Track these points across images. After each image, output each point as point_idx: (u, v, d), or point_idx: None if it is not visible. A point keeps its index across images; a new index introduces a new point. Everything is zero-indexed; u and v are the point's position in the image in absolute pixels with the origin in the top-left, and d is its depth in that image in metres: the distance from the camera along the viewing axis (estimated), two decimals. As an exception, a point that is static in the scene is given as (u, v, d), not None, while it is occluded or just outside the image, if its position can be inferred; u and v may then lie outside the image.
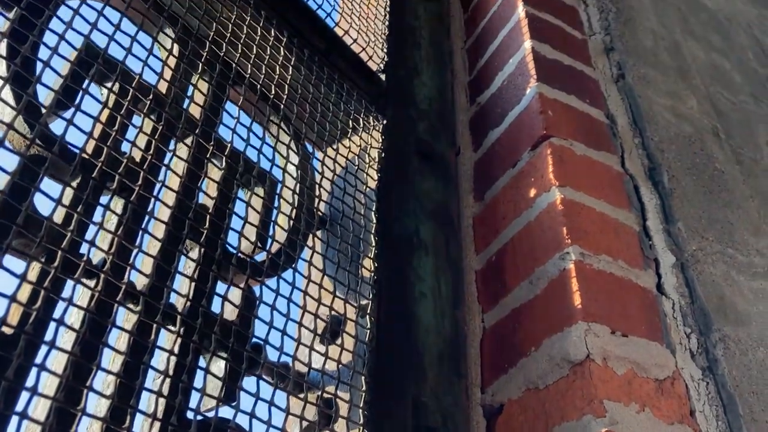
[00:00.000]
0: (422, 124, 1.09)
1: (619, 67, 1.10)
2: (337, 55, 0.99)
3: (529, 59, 1.03)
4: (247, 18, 0.82)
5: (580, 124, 0.97)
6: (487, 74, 1.15)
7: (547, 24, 1.11)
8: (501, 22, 1.16)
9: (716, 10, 1.43)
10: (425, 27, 1.25)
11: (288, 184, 0.79)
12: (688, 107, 1.12)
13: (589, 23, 1.17)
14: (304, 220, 0.76)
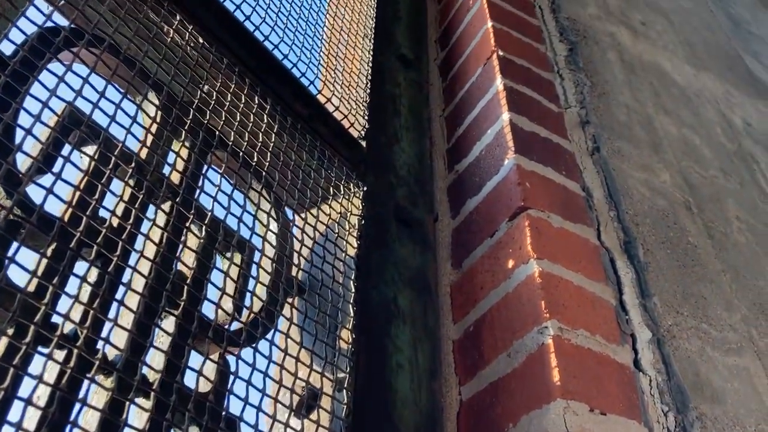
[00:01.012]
0: (401, 190, 1.10)
1: (594, 140, 1.13)
2: (319, 122, 1.00)
3: (507, 131, 1.05)
4: (231, 85, 0.83)
5: (557, 197, 0.99)
6: (465, 143, 1.17)
7: (524, 96, 1.13)
8: (479, 92, 1.19)
9: (686, 87, 1.48)
10: (405, 95, 1.27)
11: (267, 252, 0.78)
12: (662, 181, 1.14)
13: (565, 96, 1.20)
14: (282, 289, 0.75)
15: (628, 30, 1.52)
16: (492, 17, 1.26)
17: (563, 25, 1.36)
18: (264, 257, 0.78)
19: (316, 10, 1.08)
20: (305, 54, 0.98)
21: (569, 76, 1.24)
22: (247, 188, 0.80)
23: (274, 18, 0.94)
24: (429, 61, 1.43)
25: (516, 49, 1.23)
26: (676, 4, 1.85)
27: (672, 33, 1.66)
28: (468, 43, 1.31)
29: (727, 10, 2.11)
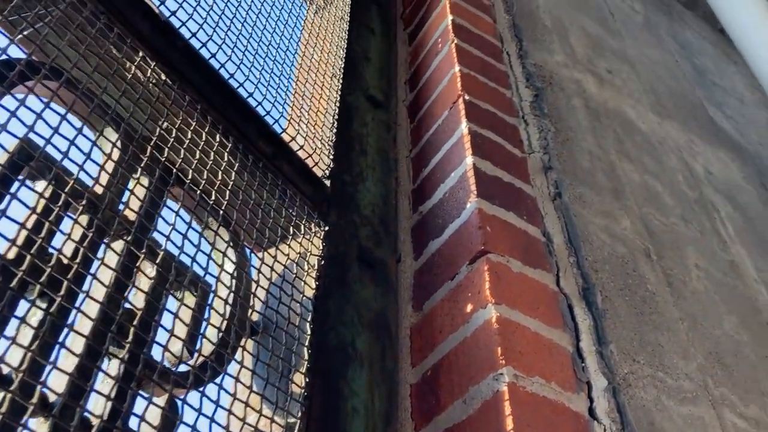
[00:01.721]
0: (365, 230, 1.10)
1: (556, 185, 1.14)
2: (283, 160, 1.00)
3: (470, 174, 1.06)
4: (192, 122, 0.82)
5: (518, 241, 0.99)
6: (429, 185, 1.18)
7: (488, 141, 1.15)
8: (445, 135, 1.20)
9: (649, 134, 1.51)
10: (372, 135, 1.28)
11: (221, 292, 0.77)
12: (622, 228, 1.16)
13: (529, 142, 1.22)
14: (234, 331, 0.74)
15: (593, 77, 1.55)
16: (459, 62, 1.28)
17: (530, 71, 1.38)
18: (217, 298, 0.77)
19: (284, 49, 1.09)
20: (271, 92, 0.99)
21: (534, 122, 1.26)
22: (203, 226, 0.79)
23: (240, 56, 0.94)
24: (398, 102, 1.44)
25: (482, 93, 1.25)
26: (643, 53, 1.90)
27: (637, 81, 1.70)
28: (436, 86, 1.32)
29: (692, 61, 2.17)
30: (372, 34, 1.50)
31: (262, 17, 1.05)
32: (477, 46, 1.37)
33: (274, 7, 1.11)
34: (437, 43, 1.40)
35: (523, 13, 1.58)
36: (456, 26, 1.38)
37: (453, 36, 1.34)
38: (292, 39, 1.13)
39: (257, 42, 1.00)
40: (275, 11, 1.11)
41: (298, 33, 1.20)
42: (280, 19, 1.11)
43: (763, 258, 1.41)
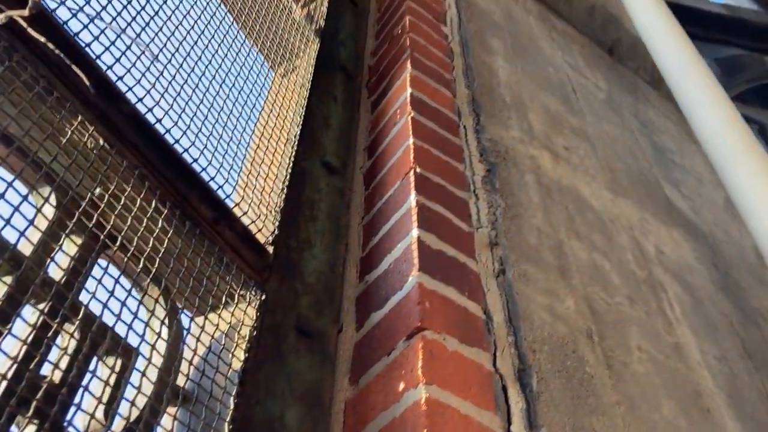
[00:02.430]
0: (307, 298, 1.09)
1: (501, 262, 1.14)
2: (225, 225, 1.00)
3: (413, 247, 1.06)
4: (127, 188, 0.82)
5: (456, 318, 0.99)
6: (377, 254, 1.18)
7: (436, 214, 1.16)
8: (395, 206, 1.21)
9: (602, 212, 1.53)
10: (325, 200, 1.28)
11: (139, 364, 0.75)
12: (565, 307, 1.16)
13: (478, 216, 1.23)
14: (149, 405, 0.72)
15: (549, 154, 1.58)
16: (414, 134, 1.30)
17: (485, 146, 1.41)
18: (142, 364, 0.76)
19: (237, 115, 1.10)
20: (217, 158, 0.99)
21: (484, 197, 1.28)
22: (128, 291, 0.78)
23: (187, 121, 0.95)
24: (355, 169, 1.45)
25: (434, 166, 1.26)
26: (603, 130, 1.95)
27: (594, 158, 1.74)
28: (391, 156, 1.34)
29: (652, 139, 2.23)
30: (334, 101, 1.52)
31: (215, 82, 1.07)
32: (434, 119, 1.40)
33: (230, 72, 1.13)
34: (396, 113, 1.43)
35: (483, 89, 1.62)
36: (414, 99, 1.40)
37: (410, 109, 1.37)
38: (247, 104, 1.15)
39: (207, 108, 1.01)
40: (231, 76, 1.13)
41: (256, 98, 1.21)
42: (235, 84, 1.12)
43: (709, 340, 1.42)
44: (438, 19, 1.82)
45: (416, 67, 1.52)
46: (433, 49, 1.66)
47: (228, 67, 1.13)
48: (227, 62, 1.14)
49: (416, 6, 1.77)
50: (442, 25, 1.81)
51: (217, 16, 1.22)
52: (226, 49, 1.15)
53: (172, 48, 0.97)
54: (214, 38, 1.12)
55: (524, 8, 2.35)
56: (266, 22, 1.40)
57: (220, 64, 1.10)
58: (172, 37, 0.97)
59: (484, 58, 1.77)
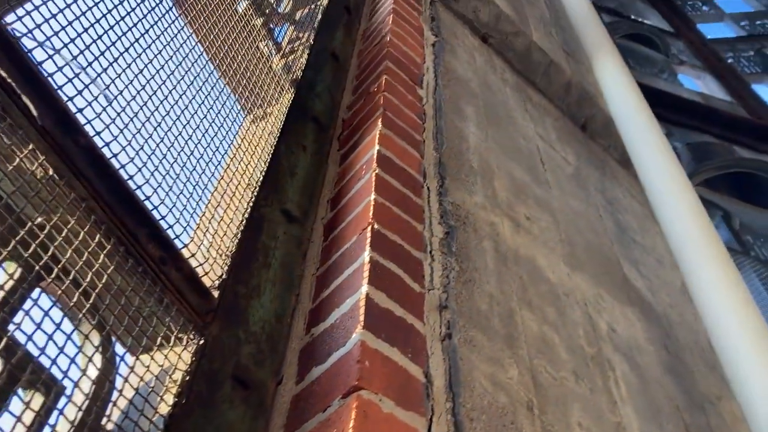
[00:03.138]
0: (249, 347, 1.07)
1: (448, 326, 1.14)
2: (171, 266, 0.99)
3: (361, 304, 1.06)
4: (71, 220, 0.81)
5: (395, 380, 0.98)
6: (326, 307, 1.17)
7: (389, 272, 1.16)
8: (349, 260, 1.21)
9: (557, 285, 1.55)
10: (281, 248, 1.28)
11: (60, 404, 0.73)
12: (508, 377, 1.16)
13: (431, 278, 1.23)
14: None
15: (510, 222, 1.60)
16: (377, 191, 1.31)
17: (446, 209, 1.42)
18: (61, 404, 0.74)
19: (199, 157, 1.11)
20: (170, 198, 0.99)
21: (440, 259, 1.28)
22: (57, 324, 0.77)
23: (144, 159, 0.95)
24: (316, 219, 1.46)
25: (393, 224, 1.27)
26: (567, 204, 1.98)
27: (555, 231, 1.76)
28: (352, 210, 1.35)
29: (616, 217, 2.27)
30: (303, 151, 1.54)
31: (180, 122, 1.07)
32: (398, 178, 1.41)
33: (198, 113, 1.14)
34: (362, 169, 1.44)
35: (452, 153, 1.65)
36: (381, 157, 1.42)
37: (376, 166, 1.39)
38: (210, 146, 1.15)
39: (168, 146, 1.01)
40: (197, 117, 1.14)
41: (221, 140, 1.22)
42: (201, 125, 1.13)
43: (652, 423, 1.42)
44: (414, 81, 1.86)
45: (387, 126, 1.54)
46: (406, 109, 1.69)
47: (195, 107, 1.14)
48: (195, 102, 1.15)
49: (394, 67, 1.81)
50: (418, 88, 1.85)
51: (191, 57, 1.24)
52: (196, 89, 1.16)
53: (138, 85, 0.97)
54: (184, 78, 1.14)
55: (502, 78, 2.41)
56: (243, 67, 1.42)
57: (188, 104, 1.11)
58: (140, 75, 0.98)
59: (456, 122, 1.80)
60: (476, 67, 2.28)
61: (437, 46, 2.13)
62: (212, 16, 1.38)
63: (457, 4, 2.48)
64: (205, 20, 1.35)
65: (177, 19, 1.27)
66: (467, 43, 2.39)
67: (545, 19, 3.12)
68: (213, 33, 1.37)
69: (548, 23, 3.11)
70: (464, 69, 2.17)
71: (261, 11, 1.69)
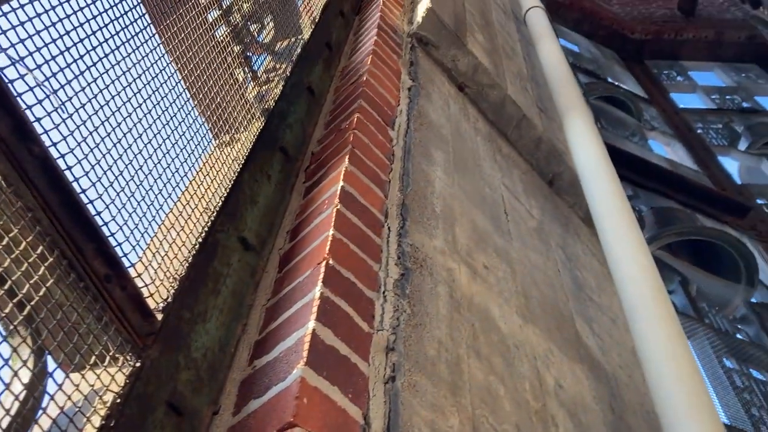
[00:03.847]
0: (187, 373, 1.05)
1: (393, 368, 1.14)
2: (116, 284, 0.97)
3: (306, 339, 1.05)
4: (14, 229, 0.80)
5: (332, 420, 0.97)
6: (272, 340, 1.16)
7: (338, 310, 1.15)
8: (300, 294, 1.20)
9: (508, 335, 1.55)
10: (233, 276, 1.27)
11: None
12: (449, 425, 1.15)
13: (381, 318, 1.23)
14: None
15: (468, 269, 1.61)
16: (336, 226, 1.32)
17: (404, 250, 1.43)
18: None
19: (157, 177, 1.10)
20: (123, 215, 0.98)
21: (392, 300, 1.28)
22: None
23: (99, 173, 0.94)
24: (274, 249, 1.45)
25: (348, 262, 1.27)
26: (526, 256, 2.00)
27: (512, 282, 1.78)
28: (309, 244, 1.34)
29: (574, 273, 2.30)
30: (268, 180, 1.54)
31: (142, 140, 1.07)
32: (360, 216, 1.42)
33: (160, 134, 1.14)
34: (324, 203, 1.44)
35: (416, 195, 1.66)
36: (344, 193, 1.43)
37: (338, 201, 1.39)
38: (170, 166, 1.15)
39: (126, 163, 1.01)
40: (161, 137, 1.13)
41: (182, 162, 1.21)
42: (161, 147, 1.12)
43: (590, 483, 1.42)
44: (387, 122, 1.88)
45: (353, 163, 1.55)
46: (375, 149, 1.71)
47: (160, 127, 1.14)
48: (160, 122, 1.14)
49: (368, 106, 1.84)
50: (390, 129, 1.87)
51: (162, 76, 1.24)
52: (162, 109, 1.16)
53: (102, 100, 0.97)
54: (152, 97, 1.13)
55: (474, 127, 2.45)
56: (214, 91, 1.43)
57: (152, 123, 1.11)
58: (106, 90, 0.98)
59: (423, 166, 1.82)
60: (450, 114, 2.31)
61: (413, 90, 2.16)
62: (189, 38, 1.39)
63: (437, 51, 2.53)
64: (181, 41, 1.36)
65: (152, 38, 1.27)
66: (443, 91, 2.43)
67: (522, 74, 3.19)
68: (188, 55, 1.38)
69: (525, 78, 3.19)
70: (438, 115, 2.20)
71: (240, 39, 1.70)
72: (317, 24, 2.18)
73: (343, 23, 2.59)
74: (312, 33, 2.11)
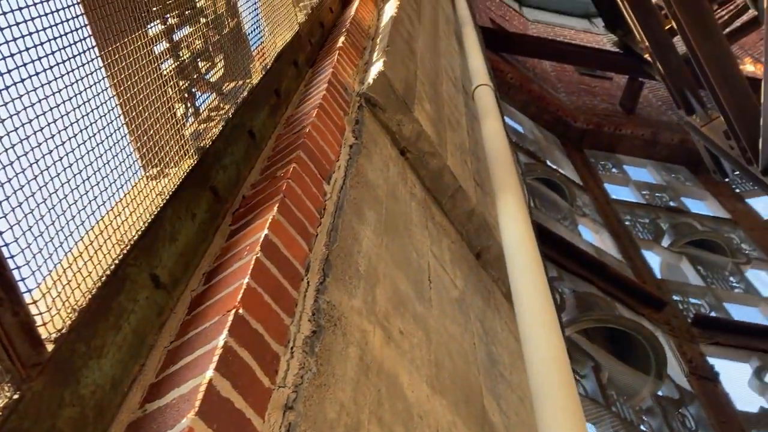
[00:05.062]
0: (71, 410, 1.00)
1: (288, 428, 1.11)
2: (7, 308, 0.93)
3: (201, 389, 1.02)
4: None
5: (215, 476, 0.93)
6: (168, 384, 1.12)
7: (240, 361, 1.13)
8: (204, 340, 1.17)
9: (414, 404, 1.54)
10: (138, 313, 1.23)
11: None
12: (338, 493, 1.12)
13: (285, 375, 1.21)
14: None
15: (383, 333, 1.60)
16: (252, 275, 1.30)
17: (320, 307, 1.42)
18: None
19: (71, 202, 1.07)
20: (26, 237, 0.94)
21: (299, 357, 1.26)
22: None
23: (8, 192, 0.91)
24: (186, 290, 1.41)
25: (260, 312, 1.25)
26: (444, 326, 2.01)
27: (426, 350, 1.78)
28: (223, 289, 1.32)
29: (489, 348, 2.32)
30: (192, 218, 1.51)
31: (60, 165, 1.04)
32: (279, 266, 1.40)
33: (82, 160, 1.11)
34: (245, 249, 1.43)
35: (342, 252, 1.66)
36: (267, 242, 1.41)
37: (259, 249, 1.38)
38: (88, 194, 1.11)
39: (39, 186, 0.97)
40: (81, 163, 1.11)
41: (102, 191, 1.18)
42: (82, 173, 1.10)
43: None
44: (323, 176, 1.89)
45: (282, 213, 1.55)
46: (307, 201, 1.71)
47: (84, 152, 1.11)
48: (85, 148, 1.12)
49: (306, 158, 1.85)
50: (325, 183, 1.88)
51: (96, 101, 1.22)
52: (90, 135, 1.14)
53: (26, 118, 0.94)
54: (80, 121, 1.11)
55: (410, 192, 2.49)
56: (149, 122, 1.41)
57: (75, 148, 1.08)
58: (30, 109, 0.95)
59: (353, 224, 1.83)
60: (388, 176, 2.35)
61: (354, 148, 2.19)
62: (131, 66, 1.37)
63: (384, 114, 2.58)
64: (122, 68, 1.35)
65: (93, 61, 1.25)
66: (385, 153, 2.47)
67: (464, 147, 3.28)
68: (127, 83, 1.36)
69: (466, 151, 3.28)
70: (376, 175, 2.23)
71: (186, 74, 1.70)
72: (268, 70, 2.20)
73: (296, 73, 2.62)
74: (262, 78, 2.13)
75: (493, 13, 12.25)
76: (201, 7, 1.82)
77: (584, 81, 10.25)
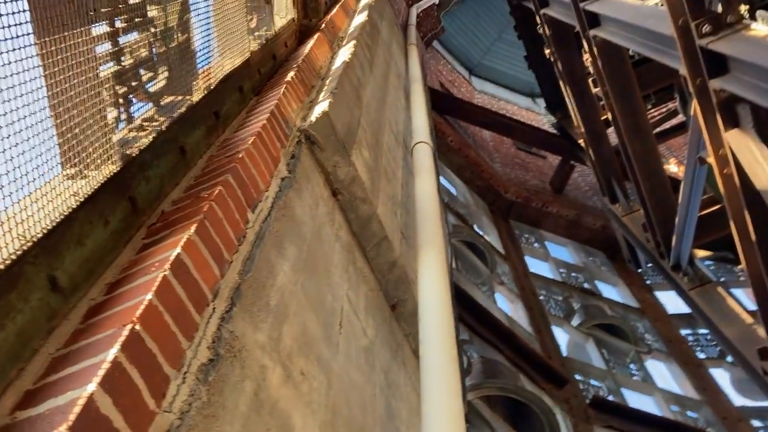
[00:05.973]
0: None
1: (166, 456, 1.06)
2: None
3: (79, 402, 0.96)
4: None
5: (77, 498, 0.88)
6: (45, 393, 1.05)
7: (128, 379, 1.07)
8: (93, 351, 1.11)
9: (303, 448, 1.50)
10: (26, 314, 1.16)
11: None
12: None
13: (173, 400, 1.16)
14: None
15: (283, 372, 1.57)
16: (156, 293, 1.25)
17: (221, 336, 1.38)
18: None
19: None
20: None
21: (191, 383, 1.22)
22: None
23: None
24: (85, 298, 1.35)
25: (157, 332, 1.20)
26: (347, 373, 1.99)
27: (325, 395, 1.75)
28: (123, 302, 1.26)
29: (390, 401, 2.30)
30: (104, 225, 1.45)
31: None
32: (186, 288, 1.36)
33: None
34: (153, 265, 1.38)
35: (255, 283, 1.63)
36: (178, 261, 1.37)
37: (168, 268, 1.33)
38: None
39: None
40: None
41: (14, 184, 1.13)
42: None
43: None
44: (249, 203, 1.87)
45: (199, 234, 1.51)
46: (227, 226, 1.68)
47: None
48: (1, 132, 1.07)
49: (234, 183, 1.82)
50: (250, 211, 1.85)
51: (26, 87, 1.17)
52: (10, 120, 1.09)
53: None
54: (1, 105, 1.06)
55: (336, 234, 2.49)
56: (76, 122, 1.36)
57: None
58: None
59: (272, 256, 1.80)
60: (316, 215, 2.34)
61: (286, 181, 2.17)
62: (68, 60, 1.33)
63: (321, 153, 2.59)
64: (58, 61, 1.31)
65: (28, 47, 1.21)
66: (317, 191, 2.46)
67: (396, 198, 3.32)
68: (62, 76, 1.32)
69: (397, 203, 3.31)
70: (303, 211, 2.21)
71: (124, 80, 1.66)
72: (211, 91, 2.18)
73: (240, 98, 2.60)
74: (203, 98, 2.10)
75: (444, 77, 12.64)
76: (152, 17, 1.80)
77: (520, 155, 10.63)
